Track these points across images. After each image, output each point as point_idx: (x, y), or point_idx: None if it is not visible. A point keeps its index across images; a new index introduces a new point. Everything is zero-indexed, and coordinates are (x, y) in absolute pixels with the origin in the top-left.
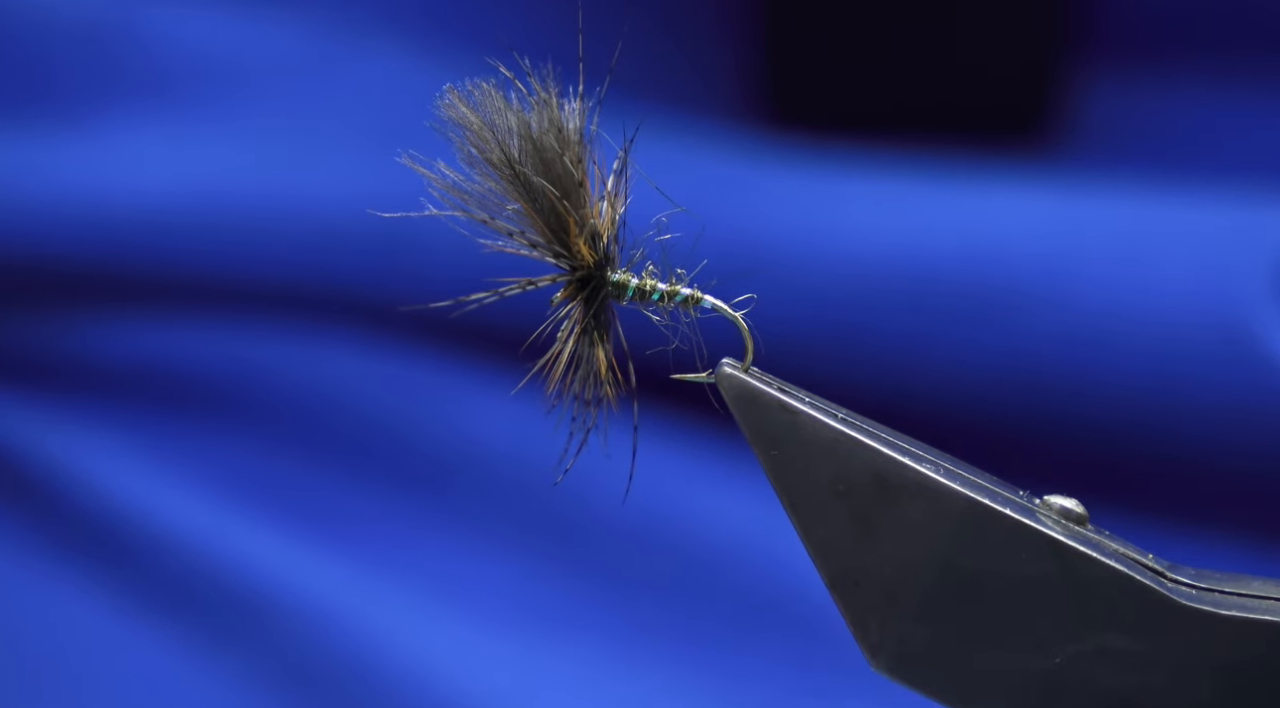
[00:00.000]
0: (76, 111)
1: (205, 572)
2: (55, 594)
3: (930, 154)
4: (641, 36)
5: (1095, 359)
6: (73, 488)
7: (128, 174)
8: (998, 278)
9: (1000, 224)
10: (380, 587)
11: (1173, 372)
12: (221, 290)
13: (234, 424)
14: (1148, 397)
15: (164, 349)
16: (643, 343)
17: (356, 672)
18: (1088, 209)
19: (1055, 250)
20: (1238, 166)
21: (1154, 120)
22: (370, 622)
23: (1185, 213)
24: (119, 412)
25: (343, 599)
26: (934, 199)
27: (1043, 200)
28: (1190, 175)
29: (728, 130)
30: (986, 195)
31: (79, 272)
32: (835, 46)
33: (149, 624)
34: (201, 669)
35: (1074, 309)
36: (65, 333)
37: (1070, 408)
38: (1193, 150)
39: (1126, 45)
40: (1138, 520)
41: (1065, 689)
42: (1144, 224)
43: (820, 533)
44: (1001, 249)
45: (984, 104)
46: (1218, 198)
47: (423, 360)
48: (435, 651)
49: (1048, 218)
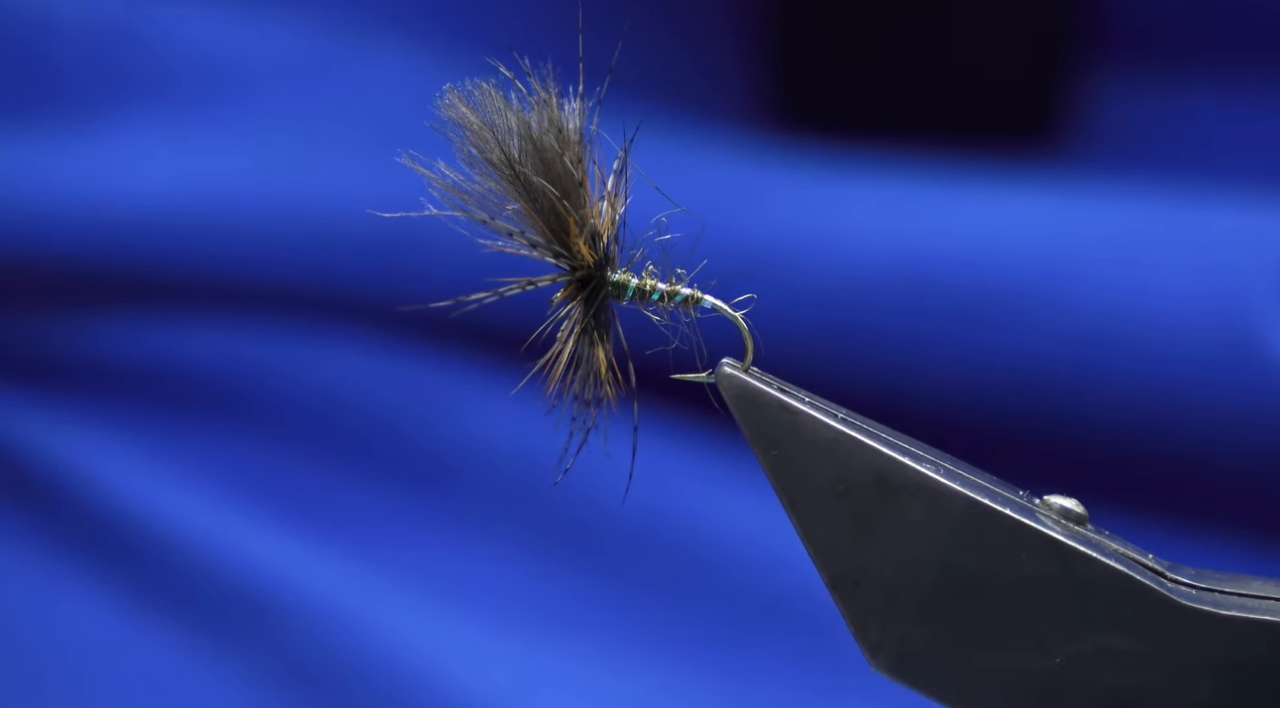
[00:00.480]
0: (79, 113)
1: (209, 571)
2: (59, 593)
3: (934, 155)
4: (643, 36)
5: (1097, 360)
6: (77, 488)
7: (130, 176)
8: (1000, 279)
9: (1003, 225)
10: (384, 586)
11: (1175, 374)
12: (224, 290)
13: (237, 424)
14: (1150, 398)
15: (167, 349)
16: (643, 343)
17: (360, 671)
18: (1090, 211)
19: (1058, 252)
20: (1241, 170)
21: (1157, 123)
22: (374, 621)
23: (1188, 215)
24: (123, 411)
25: (346, 598)
26: (937, 200)
27: (1046, 202)
28: (1194, 178)
29: (730, 131)
30: (990, 197)
31: (82, 272)
32: (840, 47)
33: (153, 624)
34: (206, 669)
35: (1076, 311)
36: (69, 333)
37: (1072, 409)
38: (1196, 153)
39: (1131, 48)
40: (1139, 522)
41: (1065, 689)
42: (1146, 226)
43: (820, 533)
44: (1004, 250)
45: (989, 106)
46: (1221, 201)
47: (426, 360)
48: (439, 650)
49: (1051, 219)
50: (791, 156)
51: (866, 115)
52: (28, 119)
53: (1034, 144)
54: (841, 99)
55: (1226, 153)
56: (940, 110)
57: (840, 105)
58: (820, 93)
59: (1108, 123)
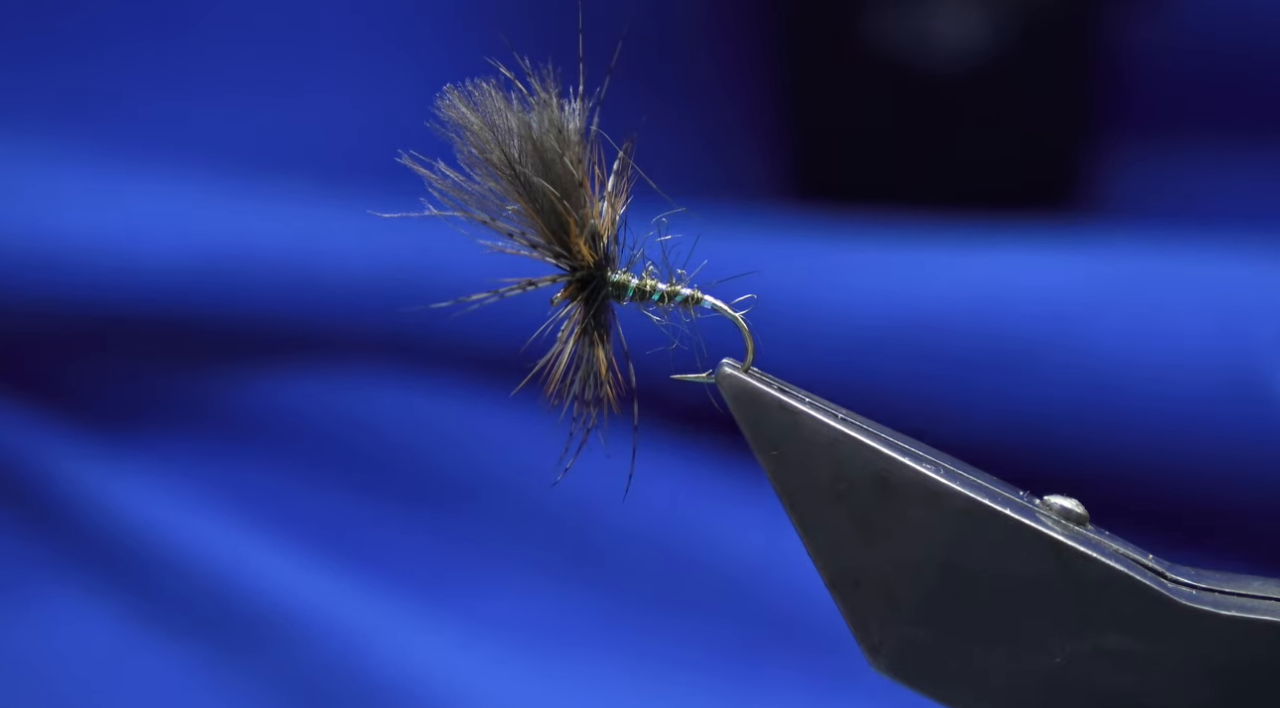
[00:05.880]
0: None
1: (222, 593)
2: (76, 612)
3: (946, 221)
4: (661, 127)
5: (1107, 405)
6: (97, 513)
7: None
8: (1011, 327)
9: (1015, 278)
10: (394, 605)
11: (1183, 417)
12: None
13: (253, 450)
14: (1159, 441)
15: (187, 383)
16: (643, 343)
17: (371, 691)
18: (1100, 262)
19: (1068, 300)
20: (1246, 225)
21: (1166, 181)
22: (384, 640)
23: (1196, 266)
24: (143, 437)
25: (357, 618)
26: (950, 258)
27: (1058, 254)
28: (1200, 232)
29: (745, 206)
30: (1002, 250)
31: (108, 315)
32: (851, 127)
33: (174, 647)
34: (221, 691)
35: (1086, 357)
36: (94, 369)
37: (1083, 453)
38: (1202, 209)
39: (1142, 117)
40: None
41: (1065, 690)
42: (1155, 275)
43: (820, 533)
44: (1015, 300)
45: (1007, 179)
46: (1227, 252)
47: (436, 386)
48: (450, 668)
49: (1061, 270)
50: (808, 226)
51: (879, 187)
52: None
53: (1050, 207)
54: (855, 173)
55: (1232, 209)
56: (956, 174)
57: (853, 178)
58: (835, 167)
59: (1119, 184)
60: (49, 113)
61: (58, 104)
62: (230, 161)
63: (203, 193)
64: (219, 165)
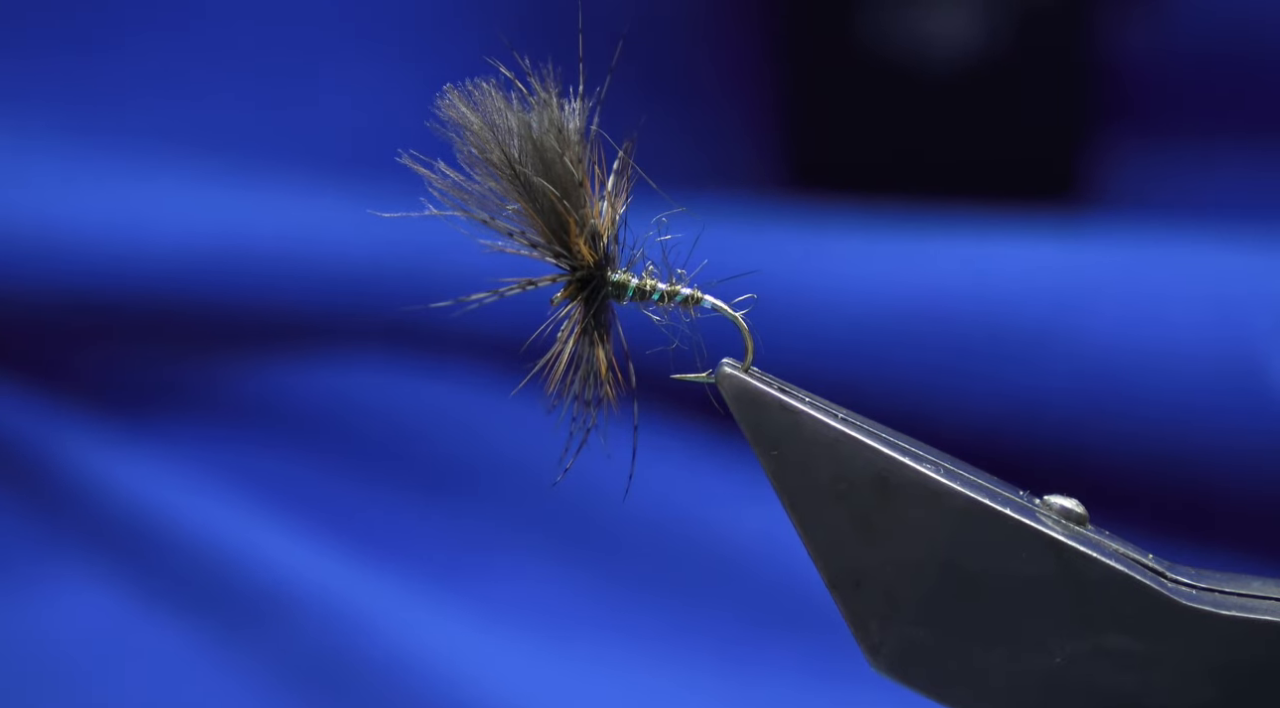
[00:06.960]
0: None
1: (233, 578)
2: (83, 593)
3: (948, 210)
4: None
5: (1105, 394)
6: (106, 497)
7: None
8: (1010, 316)
9: (1013, 268)
10: (401, 587)
11: (1181, 406)
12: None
13: (261, 435)
14: (1157, 430)
15: (195, 369)
16: (643, 343)
17: (377, 672)
18: (1099, 251)
19: (1068, 289)
20: (1245, 216)
21: (1164, 174)
22: (391, 622)
23: (1195, 256)
24: (152, 425)
25: (364, 599)
26: (949, 248)
27: (1058, 244)
28: (1200, 223)
29: (744, 196)
30: (1000, 241)
31: (117, 302)
32: (856, 128)
33: (183, 630)
34: (229, 674)
35: (1085, 346)
36: (105, 354)
37: (1080, 441)
38: (1202, 201)
39: (1143, 110)
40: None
41: (1065, 689)
42: (1154, 265)
43: (820, 533)
44: (1014, 292)
45: (1008, 170)
46: (1225, 243)
47: (442, 373)
48: (457, 651)
49: (1062, 260)
50: (805, 216)
51: (877, 179)
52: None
53: (1051, 199)
54: (853, 166)
55: (1229, 201)
56: (957, 171)
57: (852, 171)
58: (833, 160)
59: (1116, 175)
60: (58, 104)
61: (67, 95)
62: (238, 152)
63: (211, 182)
64: (227, 156)
